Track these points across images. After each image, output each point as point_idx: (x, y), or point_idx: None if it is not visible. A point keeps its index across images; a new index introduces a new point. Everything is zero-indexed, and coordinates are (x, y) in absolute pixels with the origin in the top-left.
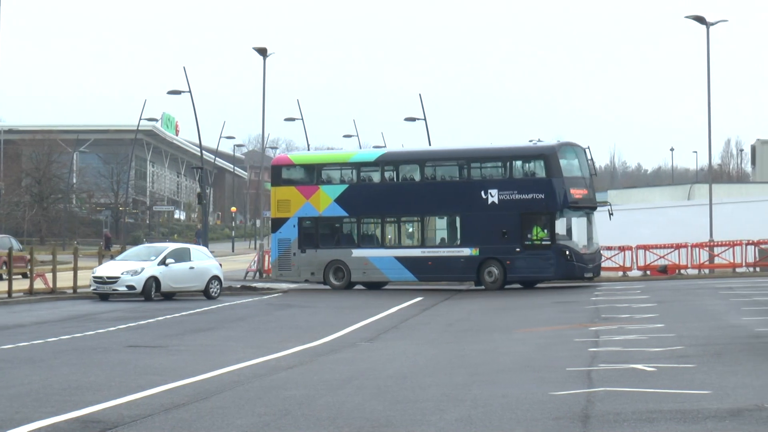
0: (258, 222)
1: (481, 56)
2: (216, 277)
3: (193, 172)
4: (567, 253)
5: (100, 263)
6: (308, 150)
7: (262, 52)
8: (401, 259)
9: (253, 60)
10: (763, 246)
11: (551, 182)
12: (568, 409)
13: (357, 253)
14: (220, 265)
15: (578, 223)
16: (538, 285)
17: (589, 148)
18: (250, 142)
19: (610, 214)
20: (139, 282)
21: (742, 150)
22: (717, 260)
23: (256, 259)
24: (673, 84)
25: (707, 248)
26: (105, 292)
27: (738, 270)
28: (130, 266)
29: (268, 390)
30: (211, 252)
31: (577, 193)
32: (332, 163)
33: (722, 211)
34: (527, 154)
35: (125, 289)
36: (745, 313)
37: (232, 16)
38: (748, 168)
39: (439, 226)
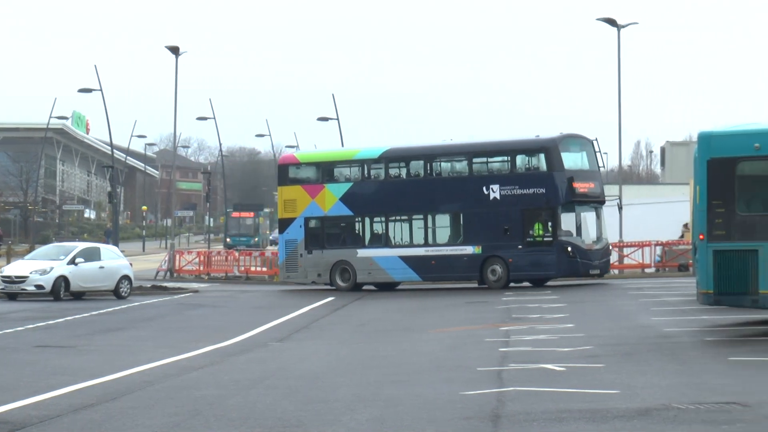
0: (169, 221)
1: (393, 55)
2: (126, 277)
3: (103, 171)
4: (570, 249)
5: (8, 262)
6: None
7: (175, 50)
8: (405, 259)
9: (166, 58)
10: (673, 247)
11: (552, 176)
12: (479, 409)
13: (362, 253)
14: (131, 264)
15: (584, 219)
16: (548, 283)
17: (596, 139)
18: (162, 141)
19: (619, 208)
20: (47, 281)
21: (651, 151)
22: (626, 261)
23: (166, 258)
24: (584, 85)
25: (617, 249)
26: (13, 291)
27: (647, 270)
28: (39, 265)
29: (178, 390)
30: (122, 251)
31: (581, 186)
32: (336, 161)
33: (632, 212)
34: (528, 148)
35: (34, 288)
36: (654, 313)
37: (144, 15)
38: (658, 169)
39: (443, 223)
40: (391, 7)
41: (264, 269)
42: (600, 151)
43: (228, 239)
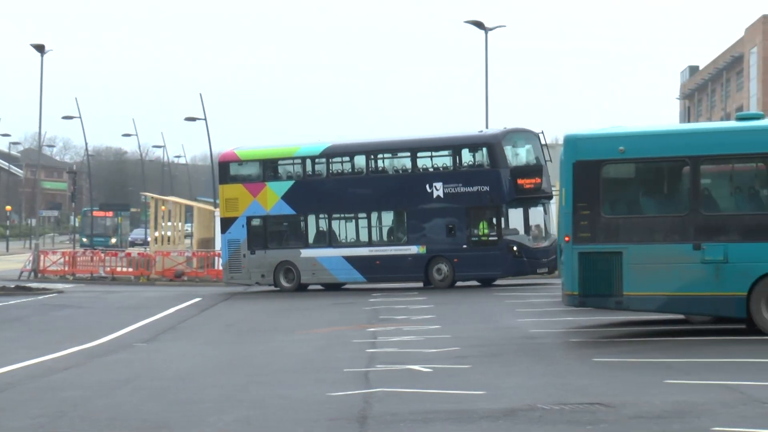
0: (33, 221)
1: (263, 56)
2: None
3: None
4: (515, 248)
5: None
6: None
7: (40, 48)
8: (349, 259)
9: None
10: None
11: (497, 173)
12: (346, 410)
13: (306, 253)
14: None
15: (530, 216)
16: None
17: (543, 132)
18: (27, 140)
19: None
20: None
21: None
22: None
23: (31, 258)
24: (455, 87)
25: None
26: None
27: None
28: None
29: (43, 391)
30: None
31: (527, 183)
32: (277, 157)
33: None
34: (471, 143)
35: None
36: (520, 314)
37: (9, 12)
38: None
39: (386, 222)
40: (263, 7)
41: (130, 270)
42: (546, 145)
43: (84, 239)
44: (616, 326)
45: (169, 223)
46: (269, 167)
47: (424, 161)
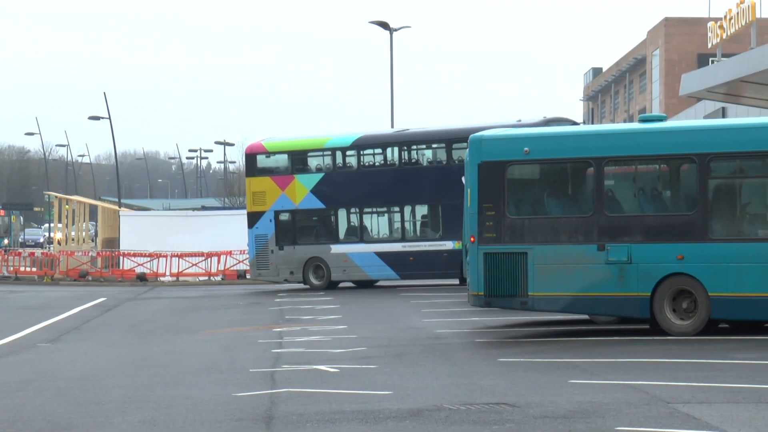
0: None
1: (168, 54)
2: None
3: None
4: None
5: None
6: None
7: None
8: (381, 255)
9: None
10: None
11: None
12: (252, 410)
13: (336, 249)
14: None
15: None
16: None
17: (584, 122)
18: None
19: None
20: None
21: None
22: None
23: None
24: (362, 85)
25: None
26: None
27: None
28: None
29: None
30: None
31: None
32: (306, 149)
33: None
34: None
35: None
36: (426, 315)
37: None
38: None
39: (420, 216)
40: (169, 5)
41: (34, 269)
42: None
43: None
44: (521, 326)
45: (73, 225)
46: (298, 159)
47: (459, 152)
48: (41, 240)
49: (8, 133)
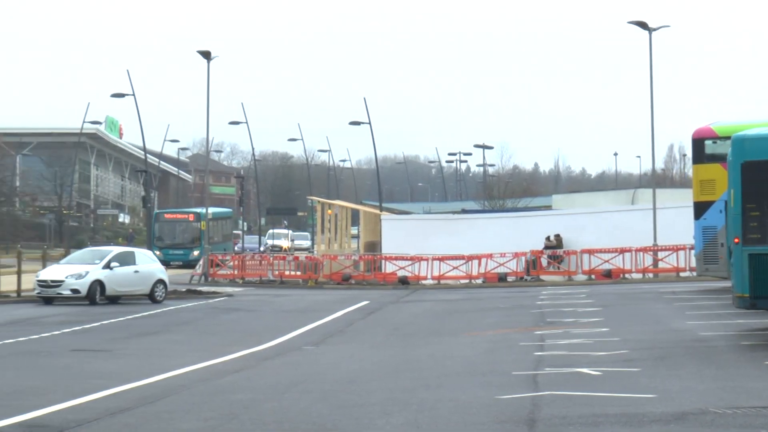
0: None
1: (426, 60)
2: (161, 281)
3: (137, 176)
4: None
5: (44, 267)
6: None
7: (206, 55)
8: None
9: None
10: None
11: None
12: (514, 413)
13: None
14: (165, 268)
15: None
16: None
17: None
18: (195, 146)
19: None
20: (83, 285)
21: (685, 155)
22: (661, 265)
23: (201, 263)
24: (617, 89)
25: (651, 253)
26: (49, 295)
27: (682, 275)
28: (75, 270)
29: (214, 394)
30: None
31: None
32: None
33: (666, 215)
34: None
35: (69, 292)
36: (689, 317)
37: (175, 19)
38: (691, 173)
39: None
40: (423, 11)
41: (298, 273)
42: None
43: (158, 252)
44: None
45: (336, 229)
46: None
47: None
48: (261, 247)
49: (272, 139)
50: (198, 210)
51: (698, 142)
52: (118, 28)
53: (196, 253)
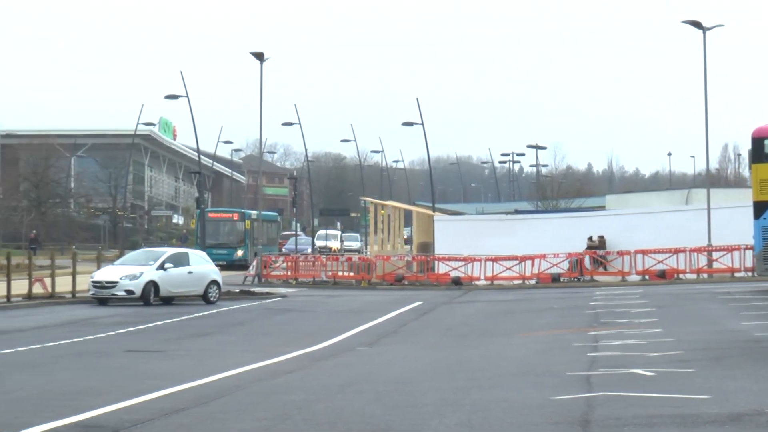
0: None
1: (480, 61)
2: (215, 282)
3: (191, 177)
4: None
5: (98, 268)
6: None
7: (259, 56)
8: None
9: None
10: None
11: None
12: (568, 414)
13: None
14: (219, 269)
15: None
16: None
17: None
18: (248, 147)
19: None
20: (137, 286)
21: (739, 155)
22: (715, 265)
23: (255, 263)
24: (671, 89)
25: (705, 253)
26: (104, 296)
27: (737, 275)
28: (129, 271)
29: (268, 395)
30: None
31: None
32: None
33: (720, 215)
34: None
35: (124, 293)
36: (743, 317)
37: (229, 21)
38: (746, 173)
39: None
40: (478, 11)
41: (351, 274)
42: None
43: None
44: None
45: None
46: None
47: None
48: (308, 248)
49: (325, 140)
50: (242, 210)
51: (758, 141)
52: (172, 30)
53: (240, 253)
